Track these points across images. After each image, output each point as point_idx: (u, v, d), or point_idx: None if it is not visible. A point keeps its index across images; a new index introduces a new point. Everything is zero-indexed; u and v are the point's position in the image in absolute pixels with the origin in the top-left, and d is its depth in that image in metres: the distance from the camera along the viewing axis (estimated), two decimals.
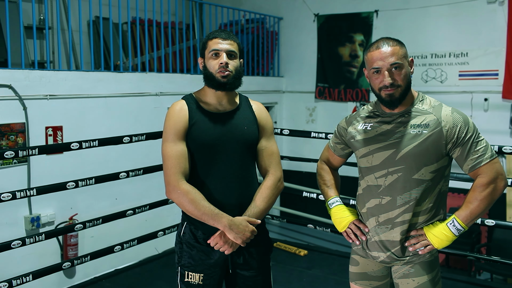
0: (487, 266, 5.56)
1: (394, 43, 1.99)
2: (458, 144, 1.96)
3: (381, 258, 2.09)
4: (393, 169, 2.00)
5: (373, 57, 1.98)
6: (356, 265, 2.20)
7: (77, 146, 3.45)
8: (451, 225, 1.97)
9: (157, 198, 4.21)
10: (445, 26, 6.47)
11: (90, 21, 5.41)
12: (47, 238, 3.47)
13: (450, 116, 1.97)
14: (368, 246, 2.12)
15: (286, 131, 4.40)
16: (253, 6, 7.59)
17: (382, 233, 2.05)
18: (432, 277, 2.06)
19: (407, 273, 2.06)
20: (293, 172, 7.17)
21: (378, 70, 1.97)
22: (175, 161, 2.10)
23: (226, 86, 2.15)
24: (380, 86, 1.97)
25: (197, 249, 2.17)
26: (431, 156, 1.96)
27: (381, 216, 2.04)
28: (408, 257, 2.05)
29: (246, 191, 2.19)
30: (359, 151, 2.11)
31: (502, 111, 6.09)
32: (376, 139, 2.05)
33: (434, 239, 1.99)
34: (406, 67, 1.99)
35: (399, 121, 2.02)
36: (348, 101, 7.23)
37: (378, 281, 2.15)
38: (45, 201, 4.37)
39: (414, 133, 1.97)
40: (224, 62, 2.11)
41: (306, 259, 4.40)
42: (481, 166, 1.95)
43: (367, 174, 2.09)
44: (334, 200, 2.24)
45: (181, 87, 5.59)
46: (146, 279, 4.04)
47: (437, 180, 2.01)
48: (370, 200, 2.08)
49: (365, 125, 2.11)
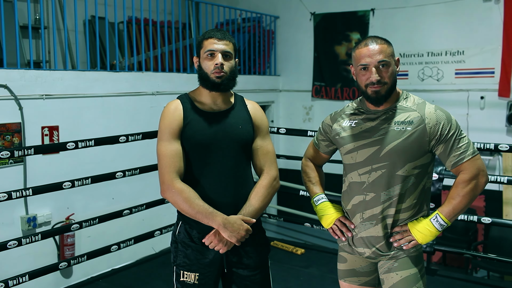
0: (484, 264, 5.57)
1: (382, 42, 2.02)
2: (441, 141, 1.99)
3: (367, 253, 2.11)
4: (377, 165, 2.02)
5: (361, 54, 2.00)
6: (344, 262, 2.22)
7: (73, 146, 3.44)
8: (435, 221, 2.01)
9: (153, 197, 4.20)
10: (441, 25, 6.48)
11: (86, 20, 5.39)
12: (44, 238, 3.46)
13: (434, 113, 2.00)
14: (354, 242, 2.14)
15: (282, 130, 4.40)
16: (249, 5, 7.58)
17: (367, 229, 2.08)
18: (416, 271, 2.08)
19: (391, 267, 2.09)
20: (290, 171, 7.15)
21: (366, 66, 1.99)
22: (169, 160, 2.11)
23: (221, 87, 2.15)
24: (367, 83, 2.00)
25: (192, 249, 2.16)
26: (414, 153, 1.99)
27: (366, 212, 2.07)
28: (393, 252, 2.08)
29: (241, 190, 2.19)
30: (344, 147, 2.13)
31: (498, 109, 6.10)
32: (361, 135, 2.07)
33: (418, 234, 2.02)
34: (392, 66, 2.02)
35: (383, 118, 2.05)
36: (344, 100, 7.23)
37: (366, 277, 2.17)
38: (41, 201, 4.36)
39: (398, 129, 2.00)
40: (219, 63, 2.12)
41: (303, 258, 4.40)
42: (463, 162, 1.99)
43: (350, 171, 2.12)
44: (320, 197, 2.26)
45: (177, 86, 5.59)
46: (143, 279, 4.03)
47: (421, 176, 2.04)
48: (354, 197, 2.10)
49: (349, 122, 2.13)
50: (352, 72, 2.12)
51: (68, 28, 5.64)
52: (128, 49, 6.03)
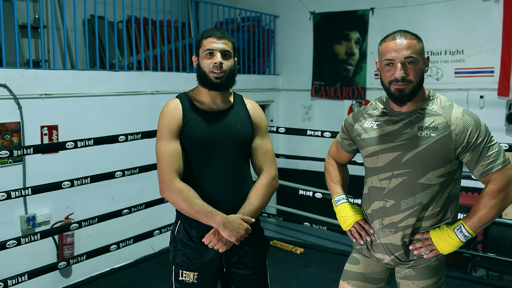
0: (483, 263, 5.57)
1: (412, 37, 1.89)
2: (469, 148, 1.86)
3: (386, 260, 2.03)
4: (398, 172, 1.91)
5: (388, 48, 1.88)
6: (355, 264, 2.13)
7: (73, 145, 3.44)
8: (458, 231, 1.90)
9: (153, 197, 4.20)
10: (440, 24, 6.47)
11: (85, 19, 5.39)
12: (43, 237, 3.46)
13: (461, 119, 1.87)
14: (373, 247, 2.06)
15: (282, 129, 4.40)
16: (249, 4, 7.58)
17: (386, 236, 1.99)
18: (434, 281, 2.00)
19: (409, 275, 2.01)
20: (289, 170, 7.17)
21: (391, 62, 1.87)
22: (168, 159, 2.10)
23: (219, 86, 2.15)
24: (391, 80, 1.88)
25: (191, 248, 2.16)
26: (438, 161, 1.87)
27: (385, 219, 1.97)
28: (412, 261, 1.99)
29: (240, 190, 2.18)
30: (364, 150, 2.04)
31: (498, 108, 6.10)
32: (382, 139, 1.96)
33: (441, 244, 1.92)
34: (421, 64, 1.89)
35: (407, 121, 1.93)
36: (344, 99, 7.23)
37: (373, 284, 2.09)
38: (40, 200, 4.35)
39: (422, 135, 1.88)
40: (218, 62, 2.11)
41: (302, 257, 4.40)
42: (493, 172, 1.86)
43: (371, 175, 2.02)
44: (340, 197, 2.17)
45: (177, 85, 5.59)
46: (143, 278, 4.03)
47: (446, 184, 1.92)
48: (374, 202, 2.01)
49: (371, 123, 2.02)
50: (376, 67, 1.98)
51: (68, 28, 5.63)
52: (128, 49, 6.02)
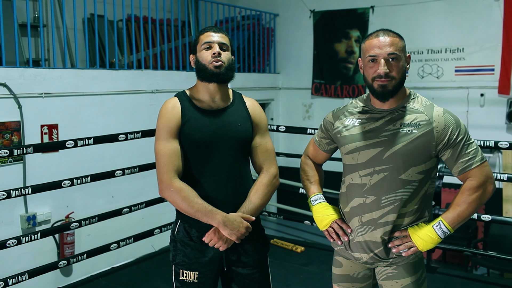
0: (483, 261, 5.57)
1: (394, 35, 1.93)
2: (449, 146, 1.90)
3: (364, 259, 2.03)
4: (380, 168, 1.93)
5: (371, 45, 1.91)
6: (339, 267, 2.14)
7: (73, 144, 3.43)
8: (437, 228, 1.92)
9: (153, 195, 4.19)
10: (441, 22, 6.47)
11: (85, 18, 5.38)
12: (43, 236, 3.46)
13: (442, 117, 1.92)
14: (350, 247, 2.06)
15: (282, 128, 4.39)
16: (249, 3, 7.57)
17: (365, 234, 1.99)
18: (416, 278, 2.01)
19: (391, 275, 2.01)
20: (289, 168, 7.15)
21: (375, 58, 1.90)
22: (167, 159, 2.09)
23: (220, 76, 2.13)
24: (374, 76, 1.90)
25: (191, 247, 2.15)
26: (419, 157, 1.91)
27: (365, 216, 1.98)
28: (391, 259, 2.00)
29: (240, 188, 2.18)
30: (345, 147, 2.03)
31: (498, 107, 6.10)
32: (364, 136, 1.97)
33: (419, 241, 1.94)
34: (403, 61, 1.92)
35: (389, 118, 1.95)
36: (344, 97, 7.23)
37: (361, 283, 2.10)
38: (41, 199, 4.35)
39: (404, 132, 1.91)
40: (217, 51, 2.11)
41: (303, 256, 4.40)
42: (471, 169, 1.91)
43: (351, 172, 2.02)
44: (317, 197, 2.16)
45: (177, 84, 5.58)
46: (143, 277, 4.03)
47: (424, 181, 1.95)
48: (354, 199, 2.01)
49: (353, 120, 2.04)
50: (359, 65, 2.01)
51: (67, 26, 5.62)
52: (128, 47, 6.02)
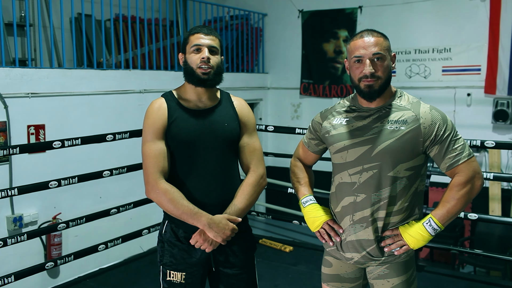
0: (470, 259, 5.63)
1: (378, 35, 1.95)
2: (436, 142, 1.91)
3: (355, 259, 2.04)
4: (368, 165, 1.94)
5: (356, 45, 1.93)
6: (329, 267, 2.15)
7: (60, 144, 3.41)
8: (428, 225, 1.93)
9: (141, 196, 4.14)
10: (428, 22, 6.52)
11: (72, 18, 5.34)
12: (30, 238, 3.42)
13: (429, 113, 1.93)
14: (342, 248, 2.06)
15: (270, 128, 4.40)
16: (237, 3, 7.57)
17: (357, 232, 1.99)
18: (407, 277, 2.03)
19: (382, 274, 2.03)
20: (278, 168, 7.16)
21: (360, 59, 1.92)
22: (153, 160, 2.08)
23: (207, 82, 2.13)
24: (360, 76, 1.92)
25: (178, 248, 2.15)
26: (407, 153, 1.92)
27: (356, 214, 1.99)
28: (384, 258, 2.01)
29: (228, 189, 2.17)
30: (333, 146, 2.04)
31: (484, 106, 6.16)
32: (352, 134, 1.99)
33: (410, 239, 1.94)
34: (388, 60, 1.94)
35: (376, 116, 1.97)
36: (332, 97, 7.25)
37: (351, 283, 2.11)
38: (27, 200, 4.31)
39: (392, 129, 1.92)
40: (205, 56, 2.09)
41: (291, 255, 4.41)
42: (459, 164, 1.92)
43: (340, 171, 2.03)
44: (308, 198, 2.16)
45: (165, 84, 5.56)
46: (131, 278, 4.01)
47: (413, 178, 1.96)
48: (344, 198, 2.02)
49: (340, 119, 2.05)
50: (345, 66, 2.02)
51: (54, 26, 5.58)
52: (115, 47, 5.98)
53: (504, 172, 5.97)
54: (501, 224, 5.22)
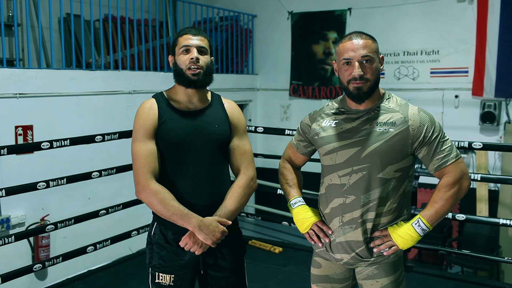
0: (458, 260, 5.68)
1: (367, 37, 1.96)
2: (425, 143, 1.94)
3: (345, 259, 2.04)
4: (358, 167, 1.96)
5: (345, 48, 1.93)
6: (318, 267, 2.15)
7: (48, 145, 3.38)
8: (416, 225, 1.94)
9: (130, 197, 4.15)
10: (417, 24, 6.57)
11: (61, 18, 5.31)
12: (17, 240, 3.38)
13: (417, 115, 1.95)
14: (331, 249, 2.07)
15: (260, 129, 4.40)
16: (227, 4, 7.57)
17: (347, 233, 2.00)
18: (396, 278, 2.04)
19: (371, 274, 2.04)
20: (267, 169, 7.16)
21: (349, 61, 1.92)
22: (144, 160, 2.08)
23: (197, 83, 2.12)
24: (349, 78, 1.93)
25: (167, 250, 2.14)
26: (396, 155, 1.93)
27: (345, 216, 1.99)
28: (373, 258, 2.02)
29: (218, 191, 2.16)
30: (323, 148, 2.05)
31: (472, 108, 6.22)
32: (341, 136, 2.00)
33: (399, 239, 1.96)
34: (376, 62, 1.95)
35: (365, 118, 1.98)
36: (322, 99, 7.28)
37: (340, 284, 2.12)
38: (15, 202, 4.28)
39: (381, 130, 1.94)
40: (195, 57, 2.09)
41: (281, 256, 4.41)
42: (447, 165, 1.94)
43: (330, 173, 2.03)
44: (297, 200, 2.16)
45: (154, 85, 5.55)
46: (120, 279, 3.99)
47: (402, 180, 1.98)
48: (333, 199, 2.03)
49: (330, 121, 2.06)
50: (334, 68, 2.03)
51: (43, 26, 5.54)
52: (104, 47, 5.95)
53: (491, 173, 6.03)
54: (488, 224, 5.28)
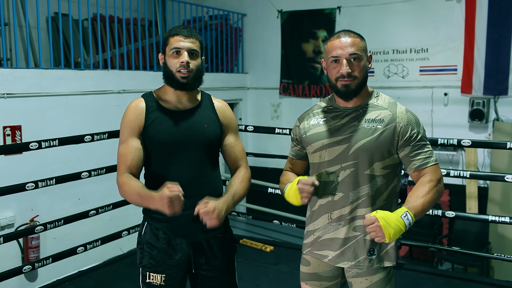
0: (448, 257, 5.72)
1: (355, 35, 1.97)
2: (409, 142, 1.95)
3: (330, 256, 2.05)
4: (346, 164, 1.96)
5: (333, 45, 1.95)
6: (307, 265, 2.16)
7: (37, 146, 3.36)
8: (405, 218, 1.84)
9: (120, 197, 4.11)
10: (406, 23, 6.60)
11: (48, 17, 5.26)
12: (6, 241, 3.36)
13: (405, 114, 1.97)
14: (318, 246, 2.08)
15: (250, 128, 4.40)
16: (216, 3, 7.55)
17: (334, 230, 2.01)
18: (385, 275, 2.04)
19: (360, 272, 2.03)
20: (258, 168, 7.17)
21: (337, 59, 1.94)
22: (122, 158, 2.08)
23: (186, 86, 2.10)
24: (337, 76, 1.94)
25: (158, 250, 2.13)
26: (383, 152, 1.95)
27: (334, 213, 2.00)
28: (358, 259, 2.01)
29: (207, 191, 2.13)
30: (311, 146, 2.06)
31: (461, 105, 6.26)
32: (330, 133, 2.01)
33: (389, 229, 1.78)
34: (364, 60, 1.97)
35: (353, 115, 1.99)
36: (312, 97, 7.29)
37: (329, 282, 2.12)
38: (3, 203, 4.23)
39: (368, 127, 1.95)
40: (185, 61, 2.06)
41: (272, 255, 4.41)
42: (428, 166, 1.95)
43: (318, 170, 2.03)
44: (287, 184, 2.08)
45: (144, 84, 5.52)
46: (111, 280, 3.97)
47: (390, 177, 1.99)
48: (322, 197, 2.03)
49: (318, 119, 2.07)
50: (323, 66, 2.04)
51: (30, 25, 5.49)
52: (93, 47, 5.92)
53: (481, 170, 6.08)
54: (478, 221, 5.32)
